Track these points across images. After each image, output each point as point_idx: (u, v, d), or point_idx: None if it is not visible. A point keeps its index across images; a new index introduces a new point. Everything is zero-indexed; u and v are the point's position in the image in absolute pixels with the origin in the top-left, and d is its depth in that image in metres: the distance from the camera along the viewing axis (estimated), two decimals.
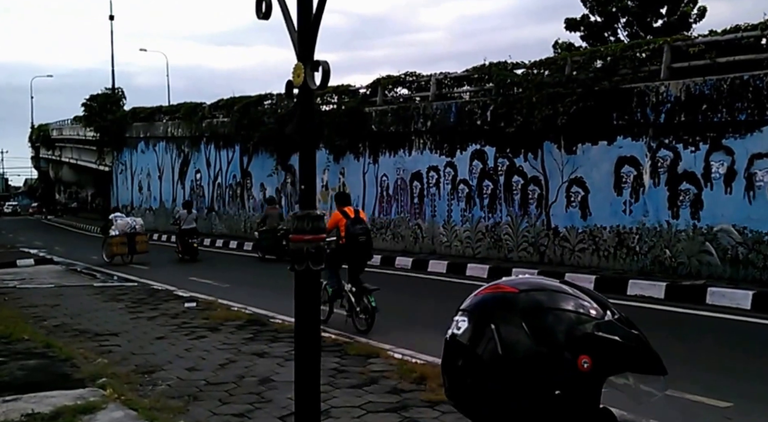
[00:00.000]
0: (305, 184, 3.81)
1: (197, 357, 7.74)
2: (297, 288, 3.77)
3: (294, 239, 3.79)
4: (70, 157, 49.95)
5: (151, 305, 11.69)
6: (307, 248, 3.66)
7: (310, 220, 3.71)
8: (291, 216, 3.95)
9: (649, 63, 12.83)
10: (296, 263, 3.70)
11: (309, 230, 3.71)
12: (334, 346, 8.06)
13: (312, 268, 3.68)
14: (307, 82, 3.86)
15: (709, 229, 11.62)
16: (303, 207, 3.86)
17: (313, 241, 3.70)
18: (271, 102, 24.43)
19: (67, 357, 7.59)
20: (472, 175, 16.39)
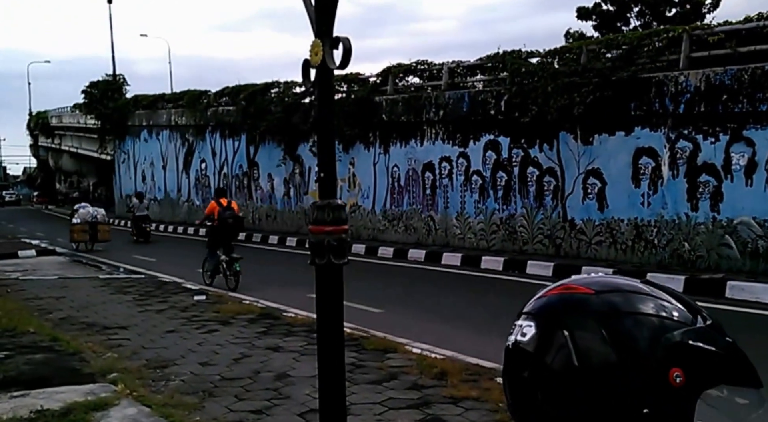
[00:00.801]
0: (324, 172, 3.81)
1: (210, 351, 7.83)
2: (318, 283, 3.79)
3: (314, 230, 3.80)
4: (71, 146, 50.06)
5: (159, 298, 11.79)
6: (328, 240, 3.67)
7: (331, 211, 3.72)
8: (311, 207, 3.98)
9: (668, 52, 12.83)
10: (317, 256, 3.71)
11: (330, 221, 3.72)
12: (351, 341, 8.08)
13: (334, 262, 3.71)
14: (326, 61, 3.71)
15: (728, 222, 11.65)
16: (323, 196, 3.85)
17: (335, 233, 3.72)
18: (278, 90, 24.46)
19: (75, 351, 7.65)
20: (486, 165, 16.42)
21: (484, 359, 7.26)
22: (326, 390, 3.77)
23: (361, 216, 20.69)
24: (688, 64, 12.27)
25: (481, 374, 6.54)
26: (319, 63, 3.75)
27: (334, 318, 3.75)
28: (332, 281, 3.73)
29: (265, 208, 25.43)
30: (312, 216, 3.82)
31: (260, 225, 25.53)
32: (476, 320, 9.81)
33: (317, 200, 3.81)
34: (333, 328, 3.75)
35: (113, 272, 16.49)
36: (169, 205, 32.42)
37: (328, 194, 3.76)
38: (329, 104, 3.98)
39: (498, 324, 9.66)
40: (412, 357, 7.30)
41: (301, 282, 14.00)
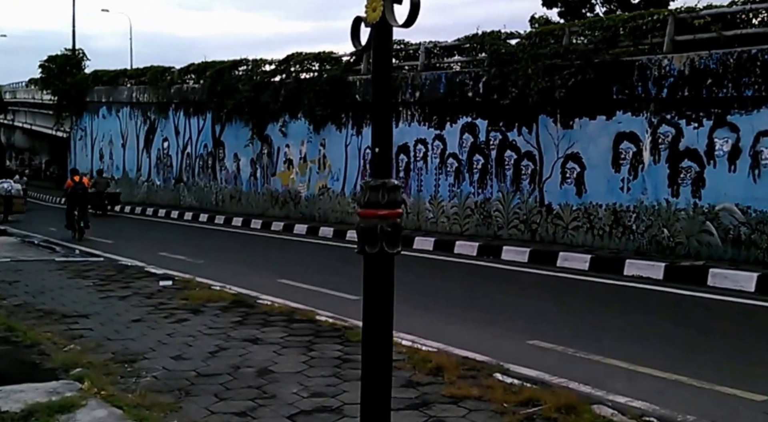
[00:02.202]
0: (379, 146, 3.38)
1: (182, 343, 7.35)
2: (367, 275, 3.36)
3: (364, 214, 3.37)
4: (24, 122, 48.64)
5: (121, 283, 11.19)
6: (381, 226, 3.27)
7: (386, 191, 3.31)
8: (363, 186, 3.57)
9: (651, 35, 12.61)
10: (367, 244, 3.30)
11: (384, 203, 3.32)
12: (333, 331, 7.73)
13: (387, 251, 3.31)
14: (386, 17, 3.27)
15: (710, 208, 11.52)
16: (376, 174, 3.41)
17: (389, 217, 3.31)
18: (247, 68, 23.82)
19: (34, 343, 7.05)
20: (462, 148, 16.12)
21: (475, 351, 6.94)
22: (371, 406, 3.35)
23: (329, 199, 20.30)
24: (672, 48, 12.07)
25: (479, 369, 6.21)
26: (377, 20, 3.29)
27: (383, 316, 3.35)
28: (383, 273, 3.33)
29: (230, 189, 24.85)
30: (363, 197, 3.42)
31: (223, 206, 24.97)
32: (456, 308, 9.52)
33: (368, 179, 3.41)
34: (382, 327, 3.35)
35: (69, 254, 15.76)
36: (127, 185, 31.53)
37: (383, 172, 3.35)
38: (386, 69, 3.51)
39: (478, 312, 9.44)
40: (402, 349, 6.91)
41: (269, 268, 13.71)
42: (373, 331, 3.34)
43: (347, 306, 9.51)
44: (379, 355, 3.33)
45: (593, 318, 8.97)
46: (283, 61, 21.98)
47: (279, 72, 22.26)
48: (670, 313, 9.36)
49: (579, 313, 9.29)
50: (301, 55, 21.45)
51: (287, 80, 21.65)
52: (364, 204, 3.40)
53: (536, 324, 8.51)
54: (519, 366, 6.45)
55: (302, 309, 8.84)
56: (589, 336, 7.82)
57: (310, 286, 11.09)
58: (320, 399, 5.47)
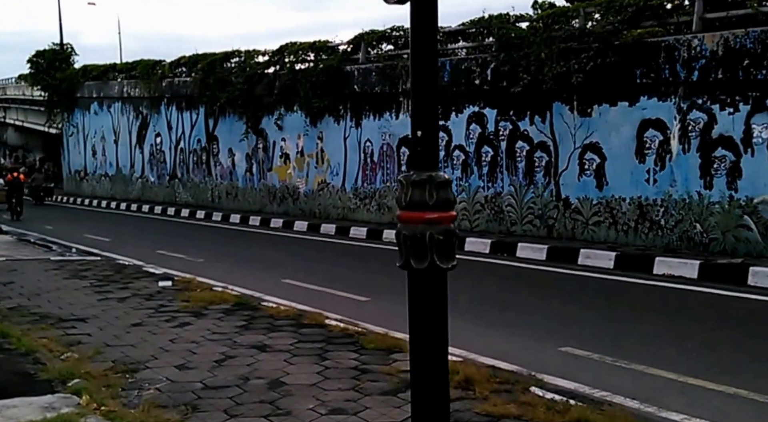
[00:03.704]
0: (423, 128, 2.70)
1: (186, 350, 6.69)
2: (414, 296, 2.63)
3: (407, 218, 2.68)
4: (16, 119, 47.79)
5: (120, 284, 10.56)
6: (430, 233, 2.56)
7: (435, 189, 2.62)
8: (402, 181, 2.84)
9: (676, 14, 11.89)
10: (412, 257, 2.59)
11: (434, 204, 2.62)
12: (346, 337, 7.09)
13: (439, 265, 2.57)
14: None
15: (748, 201, 10.79)
16: (420, 166, 2.73)
17: (440, 222, 2.60)
18: (239, 60, 23.04)
19: (29, 351, 6.49)
20: (469, 140, 15.40)
21: (503, 360, 6.37)
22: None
23: (329, 195, 19.58)
24: (702, 27, 11.34)
25: (512, 382, 5.58)
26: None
27: (436, 347, 2.62)
28: (435, 294, 2.59)
29: (225, 185, 24.10)
30: (403, 196, 2.68)
31: (220, 203, 24.23)
32: (474, 310, 8.86)
33: (408, 172, 2.68)
34: (435, 360, 2.61)
35: (65, 253, 15.14)
36: (121, 182, 30.77)
37: (428, 163, 2.64)
38: (430, 34, 2.83)
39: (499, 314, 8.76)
40: None
41: (271, 266, 13.05)
42: (424, 363, 2.64)
43: (357, 308, 9.04)
44: (433, 394, 2.57)
45: (627, 321, 8.28)
46: (277, 52, 21.24)
47: (273, 63, 21.52)
48: (711, 316, 8.66)
49: (611, 316, 8.61)
50: (296, 44, 20.71)
51: (282, 71, 20.92)
52: (405, 204, 2.70)
53: (566, 328, 7.86)
54: (554, 378, 5.86)
55: (310, 312, 8.27)
56: (627, 343, 7.20)
57: (315, 286, 10.52)
58: (341, 417, 4.90)
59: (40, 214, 27.44)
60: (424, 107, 2.68)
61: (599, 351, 6.73)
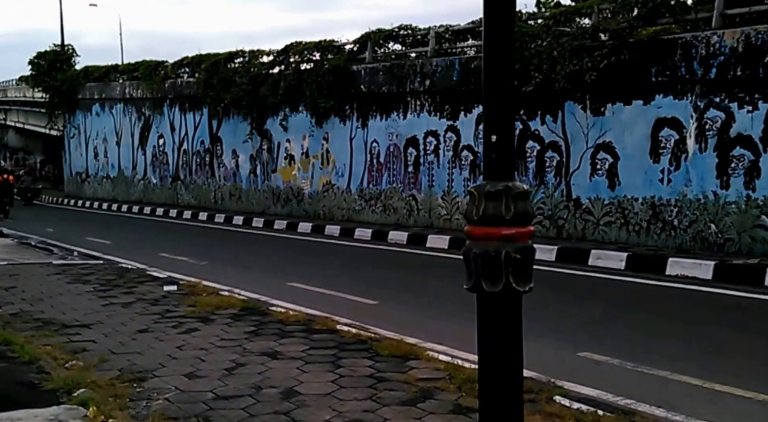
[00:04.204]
0: (500, 135, 2.47)
1: (194, 357, 6.50)
2: (486, 323, 2.39)
3: (477, 234, 2.43)
4: (17, 121, 47.63)
5: (123, 288, 10.37)
6: (506, 252, 2.33)
7: (513, 200, 2.38)
8: (473, 192, 2.62)
9: (694, 11, 11.69)
10: (484, 278, 2.35)
11: (511, 218, 2.38)
12: (359, 343, 6.89)
13: (515, 288, 2.34)
14: None
15: (766, 201, 10.61)
16: (494, 175, 2.49)
17: (518, 238, 2.36)
18: (243, 60, 22.89)
19: (32, 359, 6.29)
20: (478, 140, 15.22)
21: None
22: None
23: (334, 196, 19.41)
24: (722, 23, 11.13)
25: (535, 391, 5.38)
26: None
27: (509, 378, 2.37)
28: (509, 319, 2.35)
29: (229, 187, 23.94)
30: (475, 210, 2.45)
31: (223, 204, 24.07)
32: None
33: (481, 183, 2.46)
34: (508, 392, 2.37)
35: (67, 256, 14.95)
36: (123, 184, 30.62)
37: (504, 172, 2.41)
38: (507, 23, 2.61)
39: None
40: (440, 366, 6.09)
41: (277, 269, 12.84)
42: (495, 399, 2.36)
43: (366, 312, 8.83)
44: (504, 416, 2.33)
45: (644, 324, 8.08)
46: (282, 52, 21.07)
47: (278, 63, 21.36)
48: (730, 318, 8.47)
49: (627, 319, 8.41)
50: (301, 44, 20.53)
51: (287, 71, 20.75)
52: (477, 219, 2.45)
53: (582, 332, 7.68)
54: (576, 385, 5.65)
55: (320, 317, 8.08)
56: (646, 347, 7.01)
57: (322, 290, 10.33)
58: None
59: (41, 216, 27.33)
60: (499, 109, 2.44)
61: (619, 356, 6.54)
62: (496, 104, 2.41)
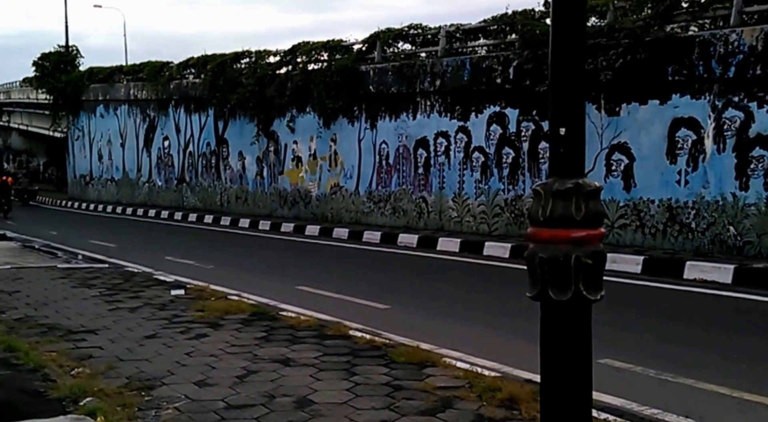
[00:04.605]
0: (569, 128, 2.32)
1: (204, 364, 6.37)
2: (550, 333, 2.22)
3: (544, 237, 2.27)
4: (20, 123, 47.71)
5: (130, 292, 10.26)
6: (576, 256, 2.17)
7: (584, 199, 2.23)
8: (539, 190, 2.46)
9: (713, 8, 11.53)
10: (551, 285, 2.20)
11: (581, 219, 2.23)
12: (373, 349, 6.76)
13: (586, 296, 2.18)
14: None
15: None
16: (563, 171, 2.33)
17: (589, 242, 2.20)
18: (250, 60, 22.81)
19: (37, 366, 6.18)
20: (490, 141, 15.09)
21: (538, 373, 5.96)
22: None
23: (342, 198, 19.29)
24: (741, 20, 10.98)
25: None
26: None
27: (577, 395, 2.20)
28: (578, 331, 2.18)
29: (235, 189, 23.85)
30: (540, 210, 2.29)
31: (229, 207, 23.97)
32: (501, 318, 8.58)
33: (547, 180, 2.30)
34: (575, 410, 2.20)
35: (71, 260, 14.88)
36: (128, 186, 30.57)
37: (574, 168, 2.26)
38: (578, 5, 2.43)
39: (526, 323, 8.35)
40: (458, 373, 5.95)
41: (285, 273, 12.70)
42: (559, 412, 2.19)
43: (378, 316, 8.71)
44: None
45: (665, 330, 7.93)
46: (289, 52, 20.97)
47: (285, 63, 21.26)
48: (754, 324, 8.30)
49: (646, 324, 8.26)
50: (309, 44, 20.43)
51: (294, 72, 20.65)
52: (543, 220, 2.28)
53: (600, 338, 7.38)
54: (599, 393, 5.39)
55: (332, 322, 7.96)
56: (668, 353, 6.85)
57: (332, 294, 10.21)
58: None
59: (44, 219, 27.32)
60: (568, 99, 2.27)
61: (641, 363, 6.40)
62: (565, 93, 2.24)
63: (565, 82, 2.25)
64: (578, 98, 2.29)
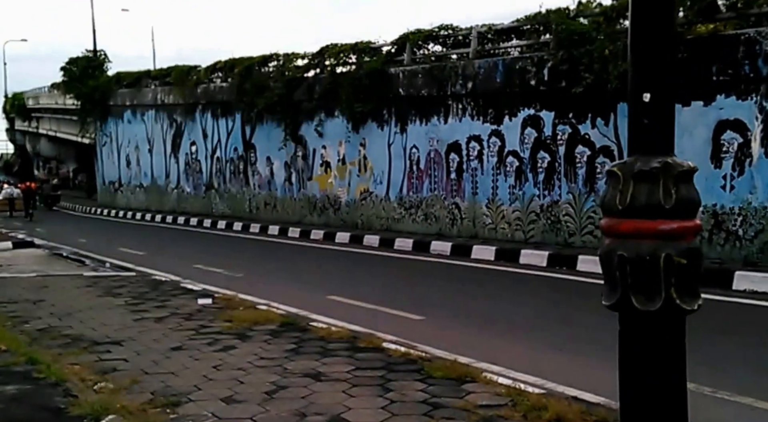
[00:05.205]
0: (655, 93, 2.03)
1: (231, 379, 6.20)
2: (631, 352, 1.90)
3: (624, 229, 1.97)
4: (49, 129, 48.21)
5: (156, 301, 10.15)
6: (666, 255, 1.89)
7: (675, 182, 1.95)
8: (618, 172, 2.18)
9: (757, 4, 11.17)
10: (635, 292, 1.91)
11: (671, 209, 1.94)
12: (408, 363, 6.53)
13: (679, 305, 1.89)
14: None
15: None
16: (647, 148, 2.03)
17: (681, 236, 1.92)
18: (278, 63, 22.72)
19: (59, 380, 6.03)
20: (524, 145, 14.81)
21: (584, 389, 5.74)
22: None
23: (373, 204, 19.09)
24: None
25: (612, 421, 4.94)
26: None
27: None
28: (670, 349, 1.88)
29: (264, 196, 23.77)
30: (618, 196, 1.98)
31: (258, 214, 23.90)
32: (536, 329, 8.24)
33: (626, 159, 1.99)
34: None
35: (98, 268, 14.88)
36: (156, 193, 30.68)
37: (661, 144, 1.97)
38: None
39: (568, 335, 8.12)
40: (500, 390, 5.70)
41: (315, 281, 12.52)
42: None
43: (413, 328, 8.47)
44: None
45: (718, 345, 7.59)
46: (317, 55, 20.84)
47: (313, 66, 21.13)
48: None
49: (697, 339, 7.67)
50: (337, 46, 20.27)
51: (322, 75, 20.51)
52: (623, 208, 1.95)
53: None
54: None
55: (364, 334, 7.76)
56: (723, 370, 6.54)
57: (364, 304, 9.99)
58: None
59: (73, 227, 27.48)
60: (654, 55, 1.92)
61: (693, 380, 6.03)
62: (649, 48, 1.90)
63: (650, 35, 1.90)
64: (666, 55, 1.96)
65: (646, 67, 1.84)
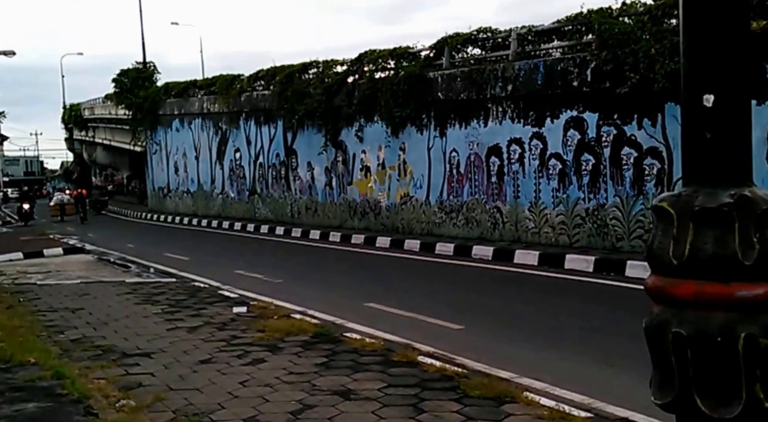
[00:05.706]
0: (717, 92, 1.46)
1: (258, 396, 5.72)
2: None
3: (683, 294, 1.30)
4: (104, 138, 48.76)
5: (192, 309, 9.77)
6: (747, 336, 1.24)
7: (758, 225, 1.32)
8: (669, 209, 1.59)
9: None
10: (701, 385, 1.21)
11: (753, 266, 1.26)
12: (444, 380, 5.99)
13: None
14: None
15: None
16: (710, 175, 1.44)
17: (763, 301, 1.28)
18: (317, 70, 22.33)
19: (82, 397, 5.65)
20: (567, 147, 14.10)
21: (634, 409, 5.13)
22: None
23: (413, 209, 18.52)
24: None
25: None
26: None
27: None
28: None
29: (305, 200, 23.36)
30: (673, 244, 1.37)
31: (299, 218, 23.52)
32: (589, 342, 7.64)
33: (682, 190, 1.42)
34: None
35: (142, 274, 14.63)
36: (203, 198, 30.58)
37: (730, 170, 1.41)
38: None
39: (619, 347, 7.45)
40: (542, 412, 5.12)
41: (353, 287, 12.00)
42: None
43: (451, 338, 7.95)
44: None
45: None
46: (356, 61, 20.39)
47: (352, 72, 20.67)
48: None
49: None
50: (375, 52, 19.79)
51: (361, 81, 20.03)
52: (678, 263, 1.29)
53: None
54: None
55: (399, 346, 7.26)
56: None
57: (402, 311, 9.48)
58: None
59: (122, 232, 27.54)
60: (721, 41, 1.37)
61: None
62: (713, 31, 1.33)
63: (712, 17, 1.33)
64: (739, 38, 1.40)
65: (703, 60, 1.27)
